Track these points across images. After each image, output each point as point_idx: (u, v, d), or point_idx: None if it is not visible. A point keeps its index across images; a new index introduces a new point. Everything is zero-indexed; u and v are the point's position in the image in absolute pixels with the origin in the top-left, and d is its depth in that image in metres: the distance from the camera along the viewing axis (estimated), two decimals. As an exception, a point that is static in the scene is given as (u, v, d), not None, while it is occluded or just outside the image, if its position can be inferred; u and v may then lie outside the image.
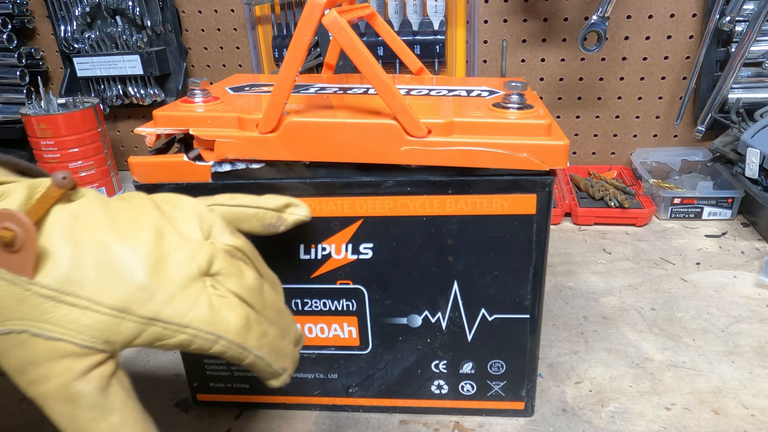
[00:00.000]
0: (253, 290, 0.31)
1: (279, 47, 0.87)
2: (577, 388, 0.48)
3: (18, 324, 0.26)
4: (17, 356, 0.26)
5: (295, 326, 0.34)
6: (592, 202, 0.81)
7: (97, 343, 0.27)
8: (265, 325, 0.31)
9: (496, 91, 0.45)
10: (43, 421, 0.47)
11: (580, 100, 0.91)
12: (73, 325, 0.26)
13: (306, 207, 0.36)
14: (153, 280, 0.27)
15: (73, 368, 0.26)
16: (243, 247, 0.32)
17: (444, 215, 0.38)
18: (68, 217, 0.28)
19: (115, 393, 0.27)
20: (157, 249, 0.28)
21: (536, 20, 0.87)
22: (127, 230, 0.28)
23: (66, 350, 0.26)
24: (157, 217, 0.30)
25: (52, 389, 0.26)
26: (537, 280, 0.40)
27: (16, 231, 0.25)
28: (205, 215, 0.32)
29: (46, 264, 0.26)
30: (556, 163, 0.36)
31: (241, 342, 0.29)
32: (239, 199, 0.34)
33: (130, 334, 0.27)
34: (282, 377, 0.32)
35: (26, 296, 0.26)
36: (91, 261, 0.27)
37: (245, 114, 0.38)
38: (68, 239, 0.27)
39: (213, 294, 0.29)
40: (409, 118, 0.36)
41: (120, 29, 0.93)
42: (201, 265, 0.29)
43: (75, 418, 0.27)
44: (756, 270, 0.65)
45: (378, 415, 0.46)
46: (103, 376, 0.27)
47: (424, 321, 0.42)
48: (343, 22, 0.35)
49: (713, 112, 0.83)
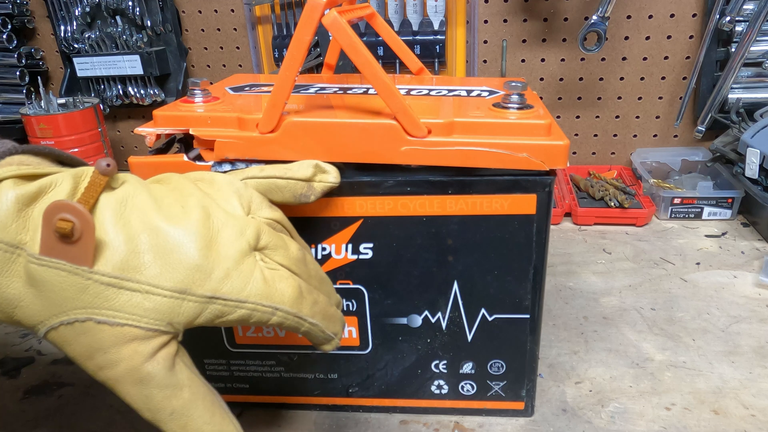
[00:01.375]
0: (299, 260, 0.32)
1: (279, 47, 0.87)
2: (577, 388, 0.48)
3: (81, 313, 0.27)
4: (83, 344, 0.27)
5: (334, 291, 0.36)
6: (592, 202, 0.81)
7: (161, 325, 0.27)
8: (315, 293, 0.32)
9: (496, 91, 0.45)
10: (43, 421, 0.47)
11: (580, 100, 0.91)
12: (136, 309, 0.27)
13: (335, 172, 0.36)
14: (208, 259, 0.28)
15: (141, 351, 0.27)
16: (281, 219, 0.33)
17: (444, 215, 0.38)
18: (116, 203, 0.28)
19: (182, 371, 0.29)
20: (207, 228, 0.29)
21: (536, 20, 0.87)
22: (175, 212, 0.29)
23: (132, 334, 0.27)
24: (201, 196, 0.30)
25: (123, 373, 0.27)
26: (537, 280, 0.40)
27: (74, 222, 0.26)
28: (242, 191, 0.32)
29: (103, 252, 0.27)
30: (556, 163, 0.36)
31: (296, 312, 0.30)
32: (269, 170, 0.34)
33: (192, 313, 0.28)
34: (333, 341, 0.33)
35: (87, 285, 0.27)
36: (145, 246, 0.27)
37: (245, 114, 0.38)
38: (120, 226, 0.28)
39: (264, 267, 0.30)
40: (409, 118, 0.36)
41: (120, 29, 0.93)
42: (250, 240, 0.30)
43: (149, 398, 0.28)
44: (756, 270, 0.65)
45: (378, 415, 0.46)
46: (170, 356, 0.28)
47: (424, 321, 0.42)
48: (343, 22, 0.35)
49: (713, 112, 0.83)
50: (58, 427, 0.46)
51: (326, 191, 0.36)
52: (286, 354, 0.45)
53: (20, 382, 0.52)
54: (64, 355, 0.55)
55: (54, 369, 0.54)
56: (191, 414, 0.28)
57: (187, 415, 0.28)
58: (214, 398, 0.30)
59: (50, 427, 0.46)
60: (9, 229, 0.26)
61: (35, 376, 0.53)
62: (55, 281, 0.26)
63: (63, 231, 0.26)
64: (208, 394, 0.29)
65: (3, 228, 0.26)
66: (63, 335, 0.27)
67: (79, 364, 0.28)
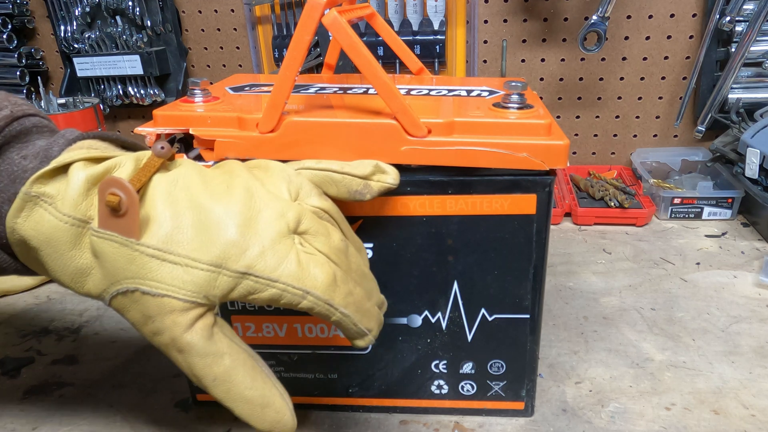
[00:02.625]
0: (339, 251, 0.32)
1: (279, 47, 0.87)
2: (577, 388, 0.48)
3: (131, 282, 0.29)
4: (137, 311, 0.29)
5: (378, 291, 0.36)
6: (592, 202, 0.81)
7: (198, 297, 0.29)
8: (351, 284, 0.32)
9: (496, 91, 0.45)
10: (43, 421, 0.47)
11: (580, 100, 0.91)
12: (176, 281, 0.29)
13: (395, 173, 0.36)
14: (245, 237, 0.29)
15: (180, 322, 0.29)
16: (329, 209, 0.33)
17: (444, 215, 0.38)
18: (167, 183, 0.30)
19: (221, 340, 0.30)
20: (248, 207, 0.30)
21: (536, 20, 0.87)
22: (220, 192, 0.30)
23: (172, 306, 0.29)
24: (248, 178, 0.31)
25: (168, 341, 0.29)
26: (537, 280, 0.40)
27: (121, 196, 0.28)
28: (293, 178, 0.33)
29: (150, 226, 0.29)
30: (556, 163, 0.36)
31: (328, 299, 0.30)
32: (326, 164, 0.35)
33: (226, 287, 0.29)
34: (367, 338, 0.33)
35: (135, 256, 0.29)
36: (189, 222, 0.29)
37: (245, 114, 0.38)
38: (168, 203, 0.29)
39: (301, 251, 0.30)
40: (409, 118, 0.36)
41: (120, 29, 0.93)
42: (289, 223, 0.30)
43: (192, 365, 0.30)
44: (756, 270, 0.65)
45: (378, 415, 0.46)
46: (207, 327, 0.30)
47: (424, 321, 0.42)
48: (343, 22, 0.35)
49: (713, 112, 0.83)
50: (58, 427, 0.46)
51: (383, 192, 0.36)
52: (286, 354, 0.45)
53: (20, 382, 0.52)
54: (64, 355, 0.55)
55: (54, 369, 0.54)
56: (233, 380, 0.30)
57: (229, 380, 0.30)
58: (255, 365, 0.31)
59: (50, 427, 0.46)
60: (80, 206, 0.29)
61: (35, 376, 0.53)
62: (109, 252, 0.29)
63: (111, 204, 0.28)
64: (249, 360, 0.31)
65: (75, 206, 0.29)
66: (121, 303, 0.30)
67: (139, 330, 0.30)
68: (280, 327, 0.43)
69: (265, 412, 0.31)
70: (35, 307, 0.64)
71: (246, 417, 0.31)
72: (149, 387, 0.50)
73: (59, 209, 0.29)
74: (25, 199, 0.29)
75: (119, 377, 0.52)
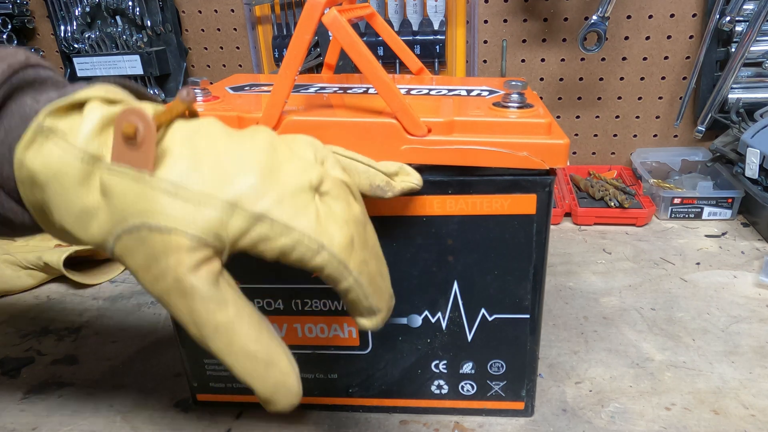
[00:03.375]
0: (358, 222, 0.31)
1: (279, 47, 0.87)
2: (577, 388, 0.48)
3: (138, 219, 0.27)
4: (141, 253, 0.28)
5: (389, 280, 0.34)
6: (592, 202, 0.81)
7: (207, 236, 0.27)
8: (368, 254, 0.31)
9: (497, 90, 0.45)
10: (43, 421, 0.47)
11: (580, 100, 0.91)
12: (186, 217, 0.27)
13: (418, 177, 0.36)
14: (265, 183, 0.28)
15: (184, 261, 0.27)
16: (351, 185, 0.32)
17: (444, 215, 0.38)
18: (189, 129, 0.30)
19: (226, 289, 0.28)
20: (271, 158, 0.29)
21: (536, 20, 0.87)
22: (243, 141, 0.30)
23: (179, 243, 0.27)
24: (273, 135, 0.31)
25: (170, 284, 0.28)
26: (537, 280, 0.40)
27: (138, 125, 0.27)
28: (319, 147, 0.32)
29: (167, 161, 0.28)
30: (556, 162, 0.36)
31: (343, 259, 0.29)
32: (354, 154, 0.35)
33: (239, 228, 0.28)
34: (375, 318, 0.32)
35: (145, 191, 0.27)
36: (207, 162, 0.28)
37: (245, 113, 0.38)
38: (188, 144, 0.29)
39: (321, 207, 0.29)
40: (409, 117, 0.36)
41: (120, 29, 0.93)
42: (312, 180, 0.29)
43: (193, 311, 0.28)
44: (756, 270, 0.65)
45: (378, 415, 0.46)
46: (213, 272, 0.28)
47: (424, 321, 0.42)
48: (343, 22, 0.35)
49: (713, 112, 0.83)
50: (58, 427, 0.46)
51: (406, 192, 0.36)
52: (286, 354, 0.45)
53: (20, 382, 0.52)
54: (64, 355, 0.55)
55: (54, 369, 0.54)
56: (236, 330, 0.28)
57: (232, 330, 0.28)
58: (262, 321, 0.29)
59: (50, 427, 0.46)
60: (92, 143, 0.28)
61: (35, 376, 0.53)
62: (119, 188, 0.27)
63: (127, 133, 0.27)
64: (255, 315, 0.29)
65: (87, 141, 0.28)
66: (125, 245, 0.28)
67: (139, 279, 0.29)
68: (280, 327, 0.43)
69: (268, 371, 0.28)
70: (35, 307, 0.64)
71: (247, 375, 0.28)
72: (149, 387, 0.50)
73: (71, 143, 0.28)
74: (37, 131, 0.28)
75: (119, 377, 0.52)
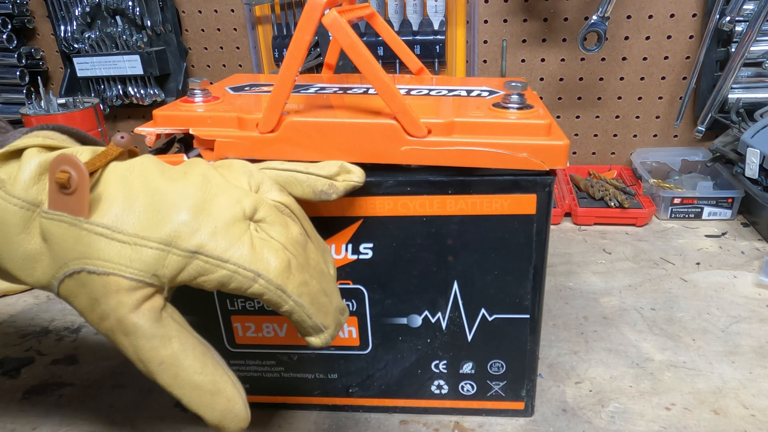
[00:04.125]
0: (297, 243, 0.31)
1: (279, 47, 0.87)
2: (577, 388, 0.48)
3: (78, 263, 0.28)
4: (84, 295, 0.29)
5: (339, 296, 0.34)
6: (592, 202, 0.81)
7: (145, 276, 0.28)
8: (308, 275, 0.31)
9: (496, 91, 0.45)
10: (43, 421, 0.47)
11: (580, 100, 0.91)
12: (123, 260, 0.28)
13: (360, 172, 0.36)
14: (197, 218, 0.29)
15: (125, 302, 0.28)
16: (290, 204, 0.33)
17: (444, 215, 0.38)
18: (123, 169, 0.30)
19: (169, 324, 0.29)
20: (203, 191, 0.30)
21: (536, 20, 0.87)
22: (176, 178, 0.30)
23: (118, 284, 0.28)
24: (207, 167, 0.31)
25: (113, 324, 0.28)
26: (537, 280, 0.40)
27: (71, 173, 0.28)
28: (254, 173, 0.33)
29: (101, 206, 0.29)
30: (556, 163, 0.36)
31: (280, 284, 0.30)
32: (291, 165, 0.35)
33: (176, 267, 0.29)
34: (323, 335, 0.32)
35: (83, 235, 0.28)
36: (141, 203, 0.29)
37: (245, 114, 0.38)
38: (122, 185, 0.29)
39: (255, 236, 0.30)
40: (409, 118, 0.36)
41: (120, 29, 0.93)
42: (245, 209, 0.30)
43: (138, 349, 0.29)
44: (756, 270, 0.65)
45: (378, 415, 0.46)
46: (155, 309, 0.29)
47: (424, 321, 0.42)
48: (343, 22, 0.35)
49: (713, 112, 0.83)
50: (58, 427, 0.46)
51: (349, 191, 0.36)
52: (286, 354, 0.45)
53: (20, 382, 0.52)
54: (64, 355, 0.55)
55: (54, 369, 0.54)
56: (181, 363, 0.29)
57: (177, 364, 0.29)
58: (206, 350, 0.30)
59: (50, 427, 0.46)
60: (30, 190, 0.29)
61: (35, 376, 0.53)
62: (58, 233, 0.28)
63: (61, 181, 0.28)
64: (199, 346, 0.30)
65: (26, 189, 0.29)
66: (69, 288, 0.29)
67: (86, 319, 0.30)
68: (280, 327, 0.43)
69: (215, 400, 0.29)
70: (35, 307, 0.64)
71: (195, 405, 0.29)
72: (149, 387, 0.50)
73: (9, 192, 0.29)
74: None
75: (119, 377, 0.52)
